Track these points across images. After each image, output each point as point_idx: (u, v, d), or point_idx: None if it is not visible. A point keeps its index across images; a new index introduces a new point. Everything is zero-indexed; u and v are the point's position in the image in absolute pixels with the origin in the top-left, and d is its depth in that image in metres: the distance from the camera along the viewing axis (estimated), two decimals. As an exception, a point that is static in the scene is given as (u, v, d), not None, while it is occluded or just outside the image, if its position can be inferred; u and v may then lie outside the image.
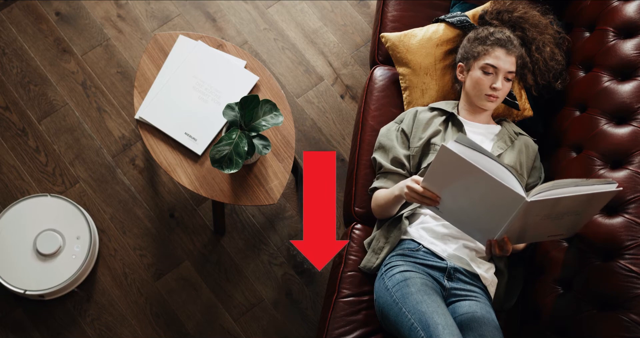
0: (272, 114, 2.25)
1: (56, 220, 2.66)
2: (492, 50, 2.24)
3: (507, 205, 1.78)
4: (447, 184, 1.86)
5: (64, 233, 2.64)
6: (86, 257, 2.62)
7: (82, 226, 2.66)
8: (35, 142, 2.90)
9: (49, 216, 2.66)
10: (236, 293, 2.73)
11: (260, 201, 2.36)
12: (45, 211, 2.67)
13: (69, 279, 2.59)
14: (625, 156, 2.06)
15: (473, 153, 1.78)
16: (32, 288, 2.58)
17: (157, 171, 2.88)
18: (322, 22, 3.13)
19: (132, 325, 2.68)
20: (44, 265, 2.60)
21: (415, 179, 1.98)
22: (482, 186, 1.79)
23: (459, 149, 1.78)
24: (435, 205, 1.93)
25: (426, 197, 1.93)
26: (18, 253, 2.61)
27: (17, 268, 2.60)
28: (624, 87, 2.17)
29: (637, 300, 1.84)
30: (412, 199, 1.97)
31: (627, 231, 1.94)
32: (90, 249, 2.64)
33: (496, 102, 2.26)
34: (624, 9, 2.27)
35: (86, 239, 2.65)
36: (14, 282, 2.58)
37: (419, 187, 1.94)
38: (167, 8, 3.11)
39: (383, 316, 2.08)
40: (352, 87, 3.04)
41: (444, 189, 1.88)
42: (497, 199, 1.78)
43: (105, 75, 3.00)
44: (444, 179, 1.86)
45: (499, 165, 1.78)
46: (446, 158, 1.80)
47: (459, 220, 1.95)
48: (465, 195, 1.85)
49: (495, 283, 2.16)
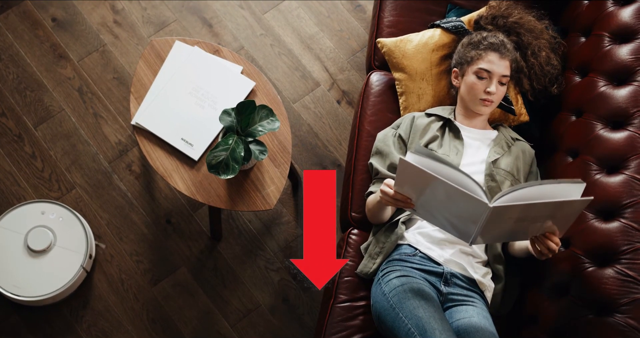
0: (268, 119, 2.25)
1: (52, 225, 2.65)
2: (485, 54, 2.25)
3: (473, 210, 1.79)
4: (415, 191, 1.88)
5: (56, 231, 2.64)
6: (83, 262, 2.62)
7: (79, 232, 2.65)
8: (32, 148, 2.89)
9: (43, 220, 2.66)
10: (233, 298, 2.73)
11: (257, 207, 2.36)
12: (40, 216, 2.67)
13: (65, 285, 2.59)
14: (621, 160, 2.07)
15: (432, 162, 1.79)
16: (28, 295, 2.57)
17: (153, 176, 2.88)
18: (319, 28, 3.14)
19: (129, 331, 2.67)
20: (39, 269, 2.59)
21: (387, 183, 1.99)
22: (446, 193, 1.80)
23: (418, 160, 1.80)
24: (411, 207, 1.94)
25: (399, 200, 1.94)
26: (12, 259, 2.61)
27: (12, 274, 2.59)
28: (619, 92, 2.18)
29: (633, 305, 1.84)
30: (387, 203, 1.99)
31: (624, 235, 1.94)
32: (87, 255, 2.63)
33: (491, 106, 2.26)
34: (620, 14, 2.28)
35: (82, 245, 2.64)
36: (10, 289, 2.57)
37: (391, 191, 1.96)
38: (164, 14, 3.12)
39: (380, 321, 2.08)
40: (348, 93, 3.04)
41: (414, 194, 1.90)
42: (463, 204, 1.79)
43: (102, 81, 3.00)
44: (410, 187, 1.88)
45: (459, 173, 1.78)
46: (407, 170, 1.82)
47: (435, 220, 1.96)
48: (435, 200, 1.87)
49: (492, 288, 2.16)
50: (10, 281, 2.58)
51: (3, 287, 2.57)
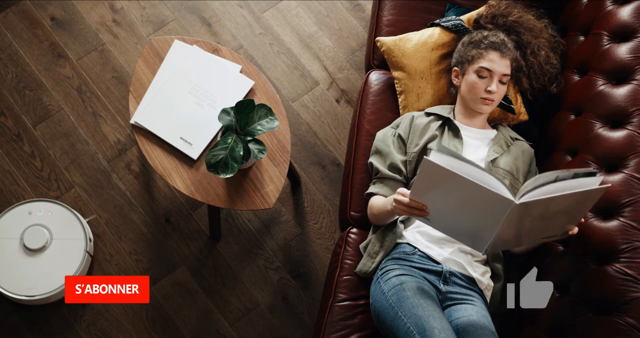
0: (267, 118, 2.25)
1: (43, 221, 2.66)
2: (486, 53, 2.25)
3: (496, 210, 1.78)
4: (434, 195, 1.85)
5: (49, 226, 2.64)
6: (86, 246, 2.62)
7: (72, 221, 2.66)
8: (31, 147, 2.89)
9: (32, 219, 2.67)
10: (232, 298, 2.73)
11: (256, 206, 2.36)
12: (28, 216, 2.68)
13: (76, 272, 2.59)
14: (620, 159, 2.07)
15: (456, 161, 1.77)
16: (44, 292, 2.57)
17: (152, 176, 2.88)
18: (318, 27, 3.14)
19: (128, 330, 2.67)
20: (45, 265, 2.59)
21: (401, 192, 1.95)
22: (469, 193, 1.78)
23: (442, 160, 1.77)
24: (425, 216, 1.91)
25: (414, 208, 1.91)
26: (17, 264, 2.61)
27: (23, 278, 2.59)
28: (618, 91, 2.18)
29: (633, 304, 1.84)
30: (401, 213, 1.95)
31: (623, 234, 1.94)
32: (87, 239, 2.64)
33: (492, 105, 2.26)
34: (619, 13, 2.28)
35: (79, 231, 2.65)
36: (25, 292, 2.58)
37: (405, 199, 1.92)
38: (163, 13, 3.11)
39: (379, 320, 2.08)
40: (347, 92, 3.04)
41: (431, 200, 1.87)
42: (485, 205, 1.78)
43: (101, 80, 3.00)
44: (430, 190, 1.85)
45: (482, 172, 1.76)
46: (430, 171, 1.79)
47: (449, 228, 1.94)
48: (454, 204, 1.85)
49: (492, 287, 2.16)
50: (24, 285, 2.58)
51: (17, 293, 2.57)
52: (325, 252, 2.80)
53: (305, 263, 2.79)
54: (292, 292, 2.75)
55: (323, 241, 2.83)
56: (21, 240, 2.61)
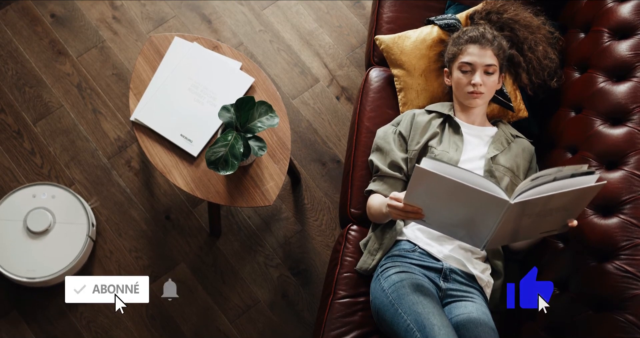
0: (267, 115, 2.25)
1: (46, 204, 2.67)
2: (465, 48, 2.26)
3: (491, 211, 1.78)
4: (428, 198, 1.86)
5: (52, 209, 2.65)
6: (88, 231, 2.63)
7: (75, 205, 2.68)
8: (31, 144, 2.89)
9: (36, 202, 2.68)
10: (232, 295, 2.73)
11: (256, 203, 2.36)
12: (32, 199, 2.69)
13: (77, 256, 2.61)
14: (620, 156, 2.07)
15: (447, 166, 1.78)
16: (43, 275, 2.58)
17: (152, 173, 2.88)
18: (318, 24, 3.14)
19: (128, 328, 2.67)
20: (47, 248, 2.61)
21: (394, 196, 1.95)
22: (463, 196, 1.79)
23: (433, 165, 1.78)
24: (421, 218, 1.92)
25: (409, 212, 1.91)
26: (19, 246, 2.62)
27: (23, 260, 2.60)
28: (619, 88, 2.17)
29: (633, 301, 1.85)
30: (396, 217, 1.96)
31: (623, 231, 1.94)
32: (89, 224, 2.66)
33: (482, 98, 2.26)
34: (619, 10, 2.28)
35: (82, 216, 2.66)
36: (25, 274, 2.59)
37: (400, 204, 1.92)
38: (163, 10, 3.11)
39: (379, 317, 2.08)
40: (347, 89, 3.04)
41: (426, 203, 1.88)
42: (480, 206, 1.79)
43: (101, 77, 3.00)
44: (424, 195, 1.86)
45: (474, 175, 1.77)
46: (423, 177, 1.80)
47: (447, 228, 1.95)
48: (449, 206, 1.85)
49: (491, 284, 2.17)
50: (25, 267, 2.59)
51: (17, 274, 2.58)
52: (325, 249, 2.80)
53: (305, 260, 2.79)
54: (292, 289, 2.75)
55: (323, 238, 2.83)
56: (24, 223, 2.62)
